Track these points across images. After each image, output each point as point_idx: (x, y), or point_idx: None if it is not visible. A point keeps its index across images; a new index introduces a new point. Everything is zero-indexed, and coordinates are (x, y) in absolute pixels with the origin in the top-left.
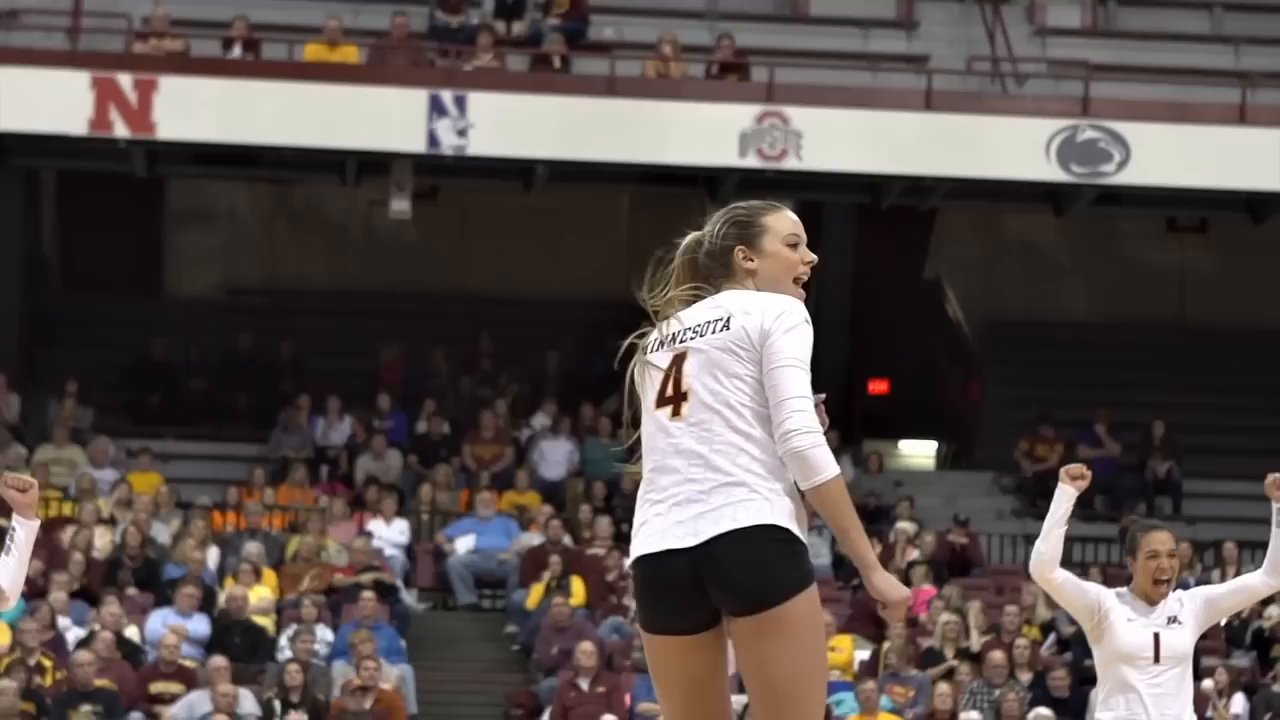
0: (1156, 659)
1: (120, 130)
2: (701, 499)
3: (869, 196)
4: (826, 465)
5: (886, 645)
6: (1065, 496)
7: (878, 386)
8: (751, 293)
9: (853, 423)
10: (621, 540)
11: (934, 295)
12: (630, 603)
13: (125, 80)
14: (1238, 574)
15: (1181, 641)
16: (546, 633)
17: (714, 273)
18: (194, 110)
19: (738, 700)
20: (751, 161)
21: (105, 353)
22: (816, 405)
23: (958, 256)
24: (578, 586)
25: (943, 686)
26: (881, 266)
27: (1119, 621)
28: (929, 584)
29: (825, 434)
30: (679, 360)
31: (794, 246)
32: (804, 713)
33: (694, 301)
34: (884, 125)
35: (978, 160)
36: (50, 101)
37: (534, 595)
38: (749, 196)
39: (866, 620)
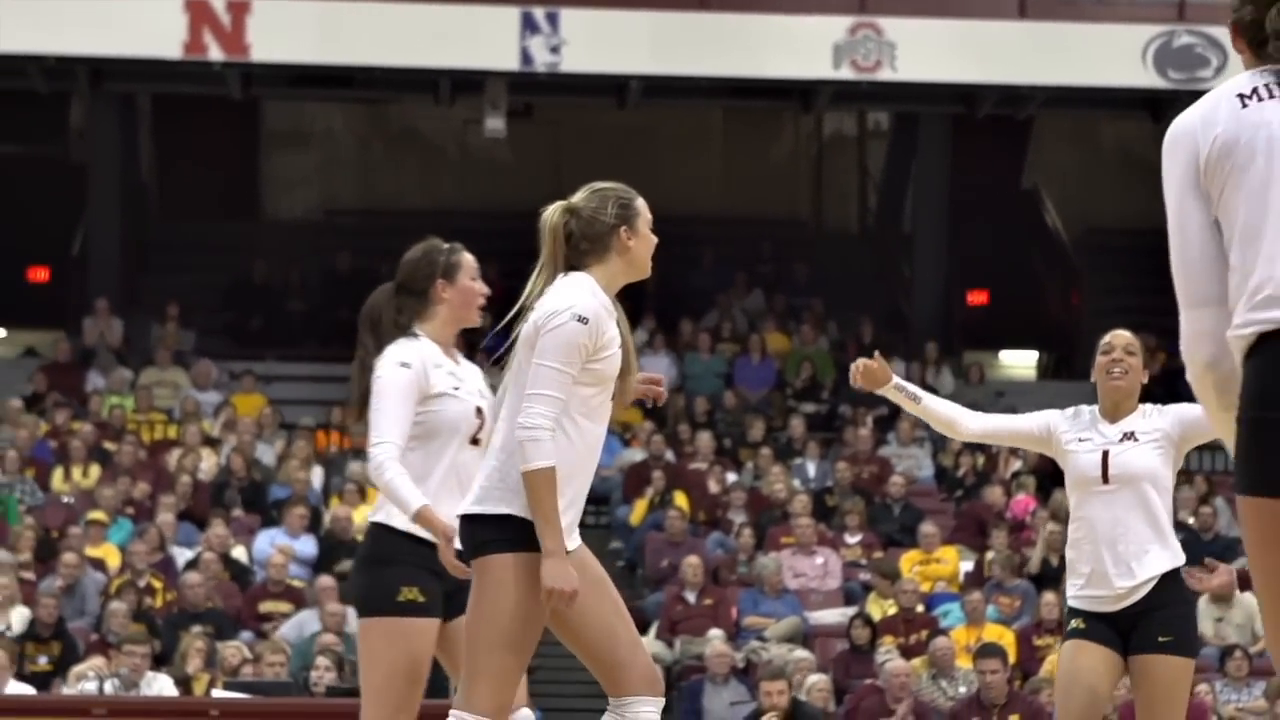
0: (1105, 479)
1: (214, 53)
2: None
3: (964, 106)
4: (534, 458)
5: (990, 555)
6: (892, 397)
7: (977, 298)
8: (554, 287)
9: (953, 334)
10: (723, 455)
11: (1032, 204)
12: (734, 517)
13: (218, 2)
14: None
15: (1137, 459)
16: (656, 546)
17: (586, 250)
18: (287, 32)
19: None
20: (845, 73)
21: (205, 276)
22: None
23: (1055, 165)
24: (681, 501)
25: (1048, 596)
26: (978, 177)
27: (1071, 444)
28: (1028, 494)
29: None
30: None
31: (652, 230)
32: (472, 658)
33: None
34: (978, 34)
35: (1073, 68)
36: (144, 26)
37: (638, 511)
38: (844, 109)
39: (971, 530)
